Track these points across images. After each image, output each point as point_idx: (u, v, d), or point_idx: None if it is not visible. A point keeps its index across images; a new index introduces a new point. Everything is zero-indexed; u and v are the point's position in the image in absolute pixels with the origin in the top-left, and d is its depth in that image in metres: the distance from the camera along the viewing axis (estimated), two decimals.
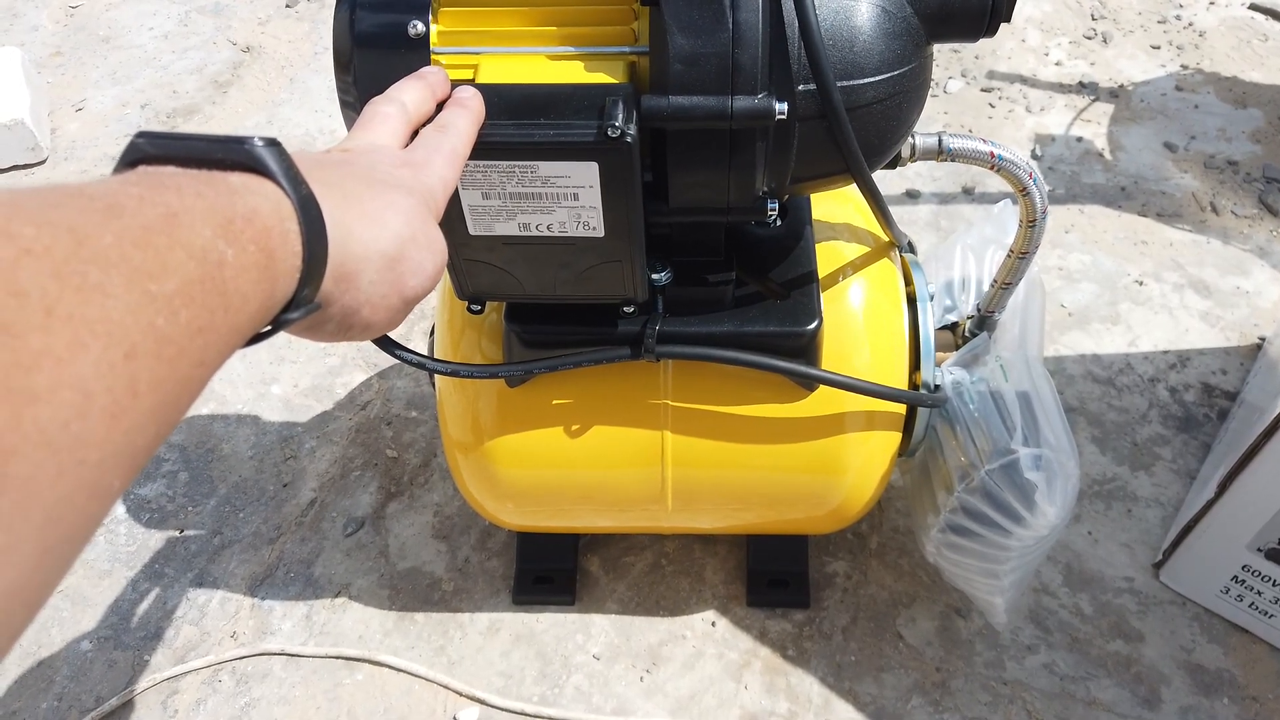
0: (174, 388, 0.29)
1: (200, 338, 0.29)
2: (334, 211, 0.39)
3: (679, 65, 0.58)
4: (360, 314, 0.43)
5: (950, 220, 1.41)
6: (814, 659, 0.99)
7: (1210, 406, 1.18)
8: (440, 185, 0.49)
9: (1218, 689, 0.97)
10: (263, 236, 0.34)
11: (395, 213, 0.44)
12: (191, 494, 1.15)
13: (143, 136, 0.35)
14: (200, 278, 0.30)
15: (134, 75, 1.70)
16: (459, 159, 0.52)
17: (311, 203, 0.37)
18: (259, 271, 0.33)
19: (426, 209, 0.47)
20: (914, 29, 0.65)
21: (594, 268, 0.66)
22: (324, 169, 0.42)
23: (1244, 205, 1.41)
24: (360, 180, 0.44)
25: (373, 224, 0.42)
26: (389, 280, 0.43)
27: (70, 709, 0.98)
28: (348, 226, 0.41)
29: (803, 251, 0.79)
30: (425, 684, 0.99)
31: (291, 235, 0.36)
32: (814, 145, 0.64)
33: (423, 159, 0.49)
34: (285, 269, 0.35)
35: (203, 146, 0.35)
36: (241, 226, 0.33)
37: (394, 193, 0.45)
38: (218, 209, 0.32)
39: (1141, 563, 1.05)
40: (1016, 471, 0.80)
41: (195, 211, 0.31)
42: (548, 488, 0.86)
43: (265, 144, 0.36)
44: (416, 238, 0.45)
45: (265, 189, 0.35)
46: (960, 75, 1.62)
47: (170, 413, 0.29)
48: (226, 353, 0.32)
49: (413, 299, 0.46)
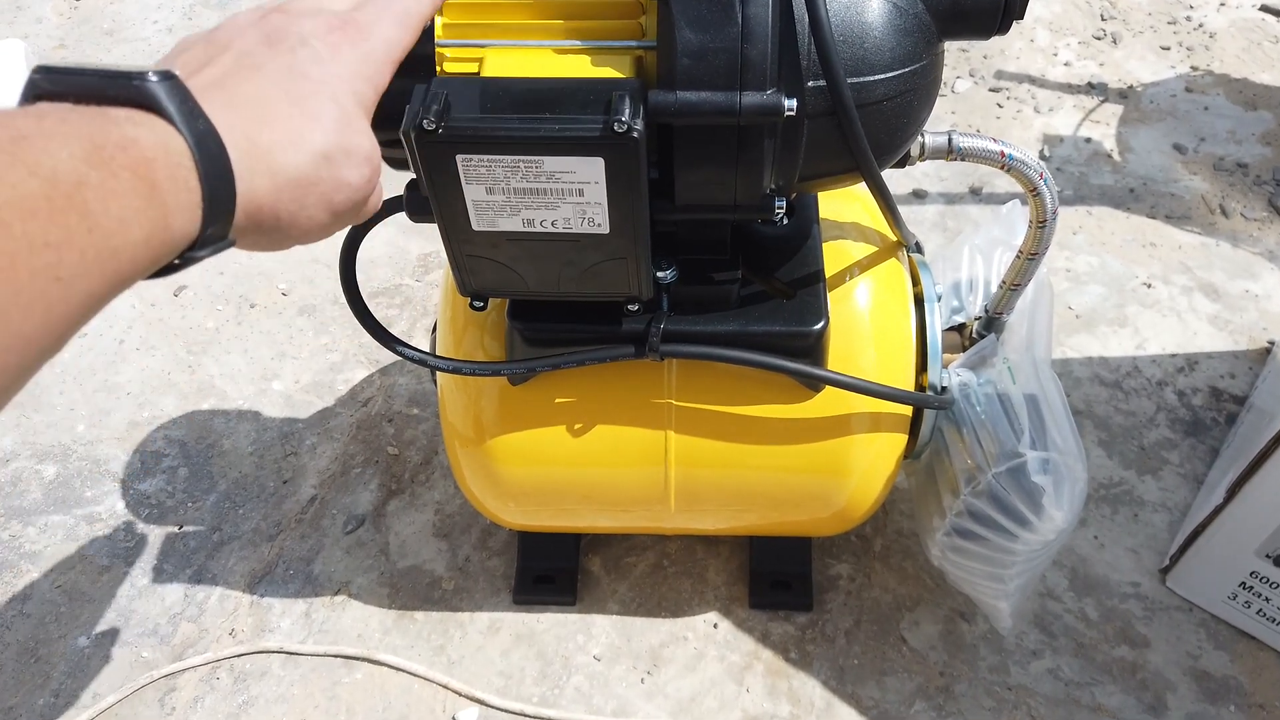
0: (10, 294, 0.29)
1: (50, 251, 0.30)
2: (245, 138, 0.38)
3: (687, 60, 0.58)
4: (287, 232, 0.42)
5: (957, 220, 1.40)
6: (816, 662, 0.98)
7: (1218, 411, 1.17)
8: (383, 51, 0.45)
9: (1224, 696, 0.96)
10: (140, 165, 0.34)
11: (316, 128, 0.41)
12: (191, 490, 1.14)
13: (39, 71, 0.36)
14: (45, 194, 0.30)
15: None
16: (414, 19, 0.48)
17: (210, 139, 0.36)
18: (139, 199, 0.33)
19: (356, 106, 0.43)
20: (925, 26, 0.64)
21: (598, 265, 0.65)
22: (239, 79, 0.40)
23: (1254, 208, 1.39)
24: (280, 86, 0.41)
25: (290, 145, 0.40)
26: (313, 200, 0.42)
27: (67, 706, 0.97)
28: (261, 151, 0.39)
29: (810, 250, 0.78)
30: (425, 683, 0.98)
31: (183, 169, 0.35)
32: (823, 143, 0.63)
33: (369, 19, 0.45)
34: (180, 204, 0.35)
35: (94, 82, 0.35)
36: (112, 153, 0.33)
37: (316, 99, 0.42)
38: (83, 135, 0.33)
39: (1148, 568, 1.04)
40: (1024, 475, 0.79)
41: (54, 135, 0.32)
42: (550, 487, 0.85)
43: (160, 78, 0.36)
44: (337, 155, 0.42)
45: (152, 123, 0.35)
46: (968, 75, 1.61)
47: (15, 319, 0.30)
48: (104, 271, 0.33)
49: (344, 211, 0.44)
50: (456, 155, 0.57)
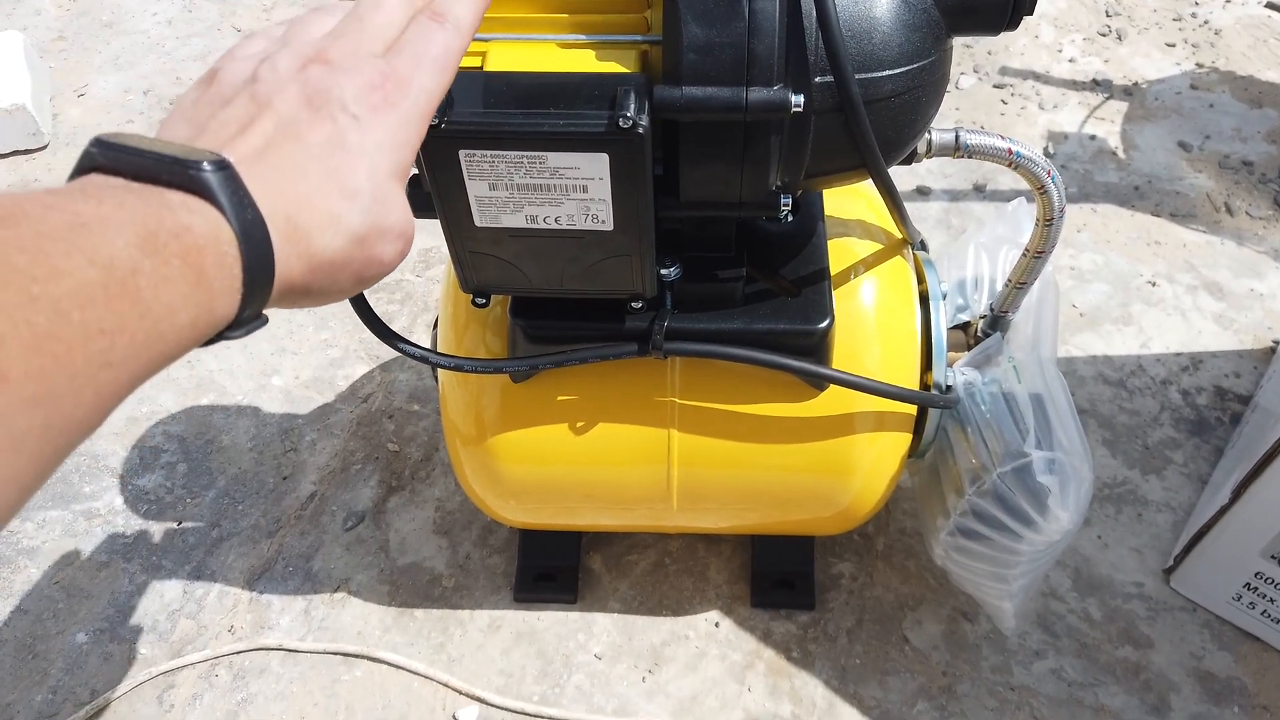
0: (65, 380, 0.30)
1: (104, 339, 0.31)
2: (286, 220, 0.38)
3: (693, 55, 0.57)
4: (314, 301, 0.43)
5: (961, 218, 1.39)
6: (818, 661, 0.98)
7: (1223, 410, 1.17)
8: (423, 106, 0.44)
9: (1228, 697, 0.95)
10: (191, 253, 0.34)
11: (353, 208, 0.41)
12: (190, 485, 1.14)
13: (97, 145, 0.36)
14: (103, 282, 0.31)
15: (137, 61, 1.69)
16: (452, 61, 0.46)
17: (257, 227, 0.37)
18: (187, 285, 0.34)
19: (390, 180, 0.42)
20: (934, 21, 0.63)
21: (602, 262, 0.65)
22: (281, 152, 0.40)
23: (1259, 206, 1.39)
24: (320, 161, 0.40)
25: (328, 228, 0.40)
26: (344, 277, 0.42)
27: (65, 702, 0.97)
28: (300, 235, 0.39)
29: (815, 248, 0.77)
30: (424, 681, 0.98)
31: (229, 257, 0.36)
32: (830, 139, 0.62)
33: (407, 69, 0.43)
34: (224, 288, 0.36)
35: (151, 164, 0.35)
36: (166, 240, 0.33)
37: (354, 175, 0.41)
38: (139, 221, 0.33)
39: (1152, 568, 1.04)
40: (1029, 475, 0.79)
41: (111, 221, 0.32)
42: (551, 485, 0.85)
43: (214, 168, 0.36)
44: (371, 236, 0.42)
45: (204, 210, 0.35)
46: (972, 71, 1.60)
47: (67, 405, 0.30)
48: (151, 354, 0.33)
49: (372, 281, 0.44)
50: (459, 151, 0.56)
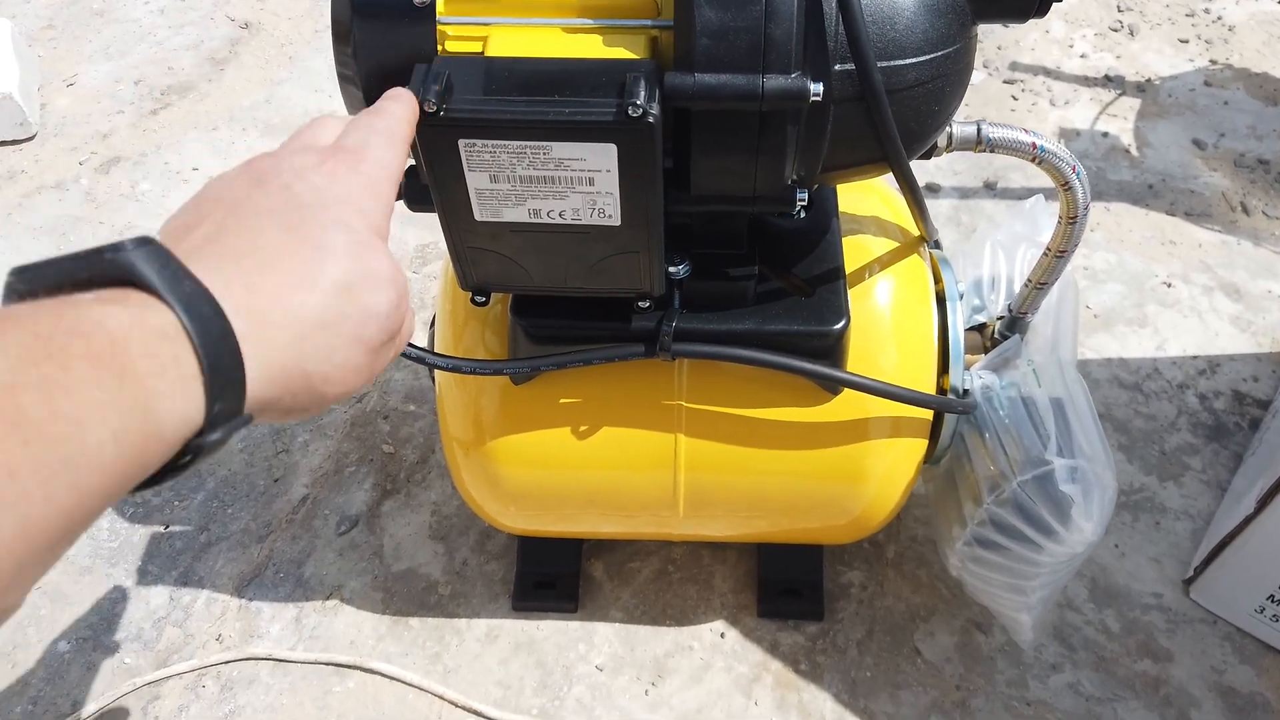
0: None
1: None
2: (246, 289, 0.34)
3: (706, 40, 0.54)
4: (322, 388, 0.37)
5: (971, 215, 1.36)
6: (828, 674, 0.95)
7: (1241, 415, 1.14)
8: (382, 172, 0.42)
9: (1250, 712, 0.92)
10: (103, 352, 0.29)
11: (328, 258, 0.37)
12: (178, 488, 1.10)
13: (12, 274, 0.32)
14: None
15: (128, 51, 1.65)
16: (399, 141, 0.45)
17: (200, 300, 0.32)
18: (100, 391, 0.29)
19: (367, 230, 0.39)
20: (959, 7, 0.60)
21: (608, 259, 0.62)
22: (232, 231, 0.36)
23: (1275, 205, 1.36)
24: (278, 224, 0.37)
25: (301, 283, 0.35)
26: (341, 342, 0.37)
27: (45, 713, 0.94)
28: (268, 298, 0.34)
29: (829, 246, 0.74)
30: (419, 693, 0.94)
31: (168, 342, 0.31)
32: (849, 130, 0.59)
33: (357, 143, 0.42)
34: (168, 385, 0.31)
35: (68, 267, 0.31)
36: (63, 343, 0.29)
37: (322, 229, 0.37)
38: (29, 331, 0.29)
39: (1170, 578, 1.01)
40: (1051, 484, 0.76)
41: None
42: (552, 490, 0.82)
43: (135, 245, 0.32)
44: (357, 283, 0.37)
45: (125, 298, 0.31)
46: (982, 66, 1.57)
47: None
48: (57, 488, 0.28)
49: (379, 345, 0.39)
50: (459, 140, 0.54)
